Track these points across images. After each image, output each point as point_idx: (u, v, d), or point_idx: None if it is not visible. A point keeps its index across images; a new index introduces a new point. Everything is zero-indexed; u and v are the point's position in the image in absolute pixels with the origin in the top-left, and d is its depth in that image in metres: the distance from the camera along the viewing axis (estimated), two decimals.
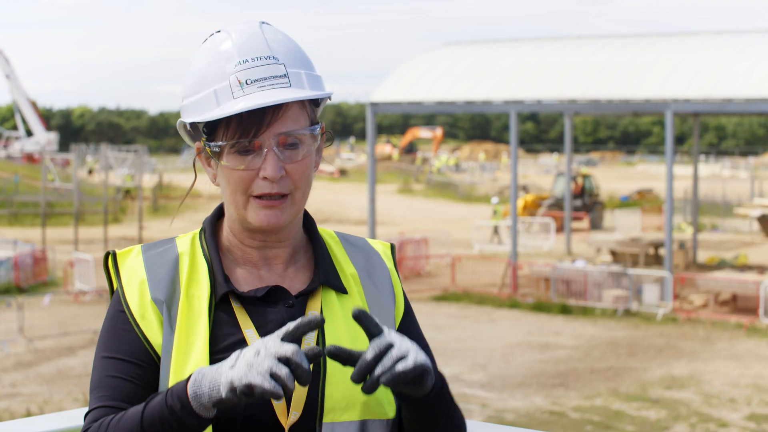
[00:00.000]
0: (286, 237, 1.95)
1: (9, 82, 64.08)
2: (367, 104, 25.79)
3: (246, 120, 1.83)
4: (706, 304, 21.04)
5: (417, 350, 1.74)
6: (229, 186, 1.88)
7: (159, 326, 1.87)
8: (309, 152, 1.89)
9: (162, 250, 1.95)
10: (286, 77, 1.85)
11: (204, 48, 1.91)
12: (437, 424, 1.87)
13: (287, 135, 1.85)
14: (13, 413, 13.42)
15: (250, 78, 1.84)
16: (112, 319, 1.91)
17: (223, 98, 1.84)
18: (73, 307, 21.37)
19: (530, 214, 35.24)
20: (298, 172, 1.88)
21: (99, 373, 1.88)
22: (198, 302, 1.89)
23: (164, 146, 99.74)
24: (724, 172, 66.04)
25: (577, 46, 26.89)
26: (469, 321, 20.14)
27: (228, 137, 1.85)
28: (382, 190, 46.15)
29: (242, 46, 1.87)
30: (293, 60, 1.88)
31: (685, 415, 13.57)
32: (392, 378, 1.71)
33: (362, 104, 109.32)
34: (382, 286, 2.00)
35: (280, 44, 1.89)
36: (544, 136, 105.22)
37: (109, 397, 1.84)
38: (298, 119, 1.87)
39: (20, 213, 40.80)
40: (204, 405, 1.71)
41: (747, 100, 21.99)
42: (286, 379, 1.66)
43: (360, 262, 2.01)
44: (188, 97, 1.90)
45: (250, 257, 1.95)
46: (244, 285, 1.93)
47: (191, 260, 1.93)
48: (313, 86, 1.89)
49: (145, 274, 1.91)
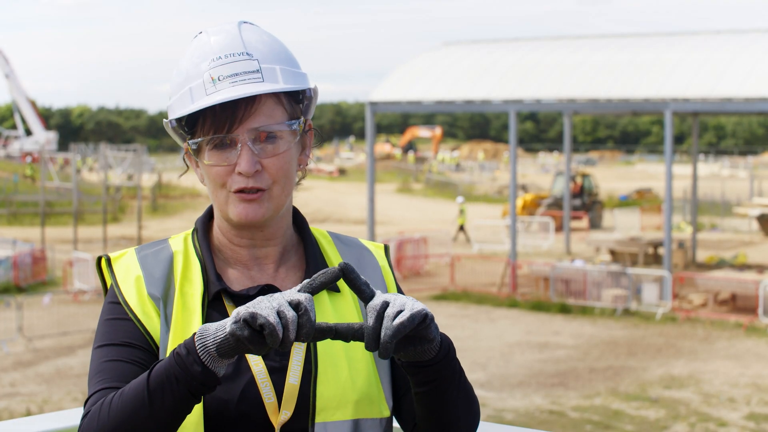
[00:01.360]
0: (273, 235, 1.95)
1: (8, 81, 64.12)
2: (366, 103, 25.80)
3: (219, 115, 1.85)
4: (705, 303, 21.04)
5: (413, 302, 1.70)
6: (210, 182, 1.90)
7: (158, 320, 1.88)
8: (288, 147, 1.89)
9: (156, 249, 1.96)
10: (259, 72, 1.86)
11: (188, 49, 1.94)
12: (452, 393, 1.83)
13: (261, 130, 1.86)
14: (13, 413, 13.42)
15: (222, 74, 1.86)
16: (107, 311, 1.91)
17: (197, 95, 1.86)
18: (72, 306, 21.37)
19: (529, 213, 35.26)
20: (275, 167, 1.88)
21: (96, 361, 1.86)
22: (192, 300, 1.89)
23: (163, 146, 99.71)
24: (724, 172, 66.07)
25: (577, 45, 26.88)
26: (469, 320, 20.14)
27: (204, 133, 1.87)
28: (382, 189, 46.16)
29: (219, 45, 1.89)
30: (269, 56, 1.89)
31: (684, 414, 13.57)
32: (396, 333, 1.66)
33: (361, 103, 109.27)
34: (373, 284, 2.00)
35: (257, 42, 1.90)
36: (544, 135, 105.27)
37: (110, 378, 1.82)
38: (273, 114, 1.87)
39: (19, 212, 40.80)
40: (208, 348, 1.67)
41: (746, 100, 21.98)
42: (290, 320, 1.63)
43: (352, 261, 2.01)
44: (171, 96, 1.93)
45: (240, 257, 1.95)
46: (236, 284, 1.94)
47: (185, 259, 1.94)
48: (289, 81, 1.89)
49: (141, 271, 1.91)
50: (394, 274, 2.07)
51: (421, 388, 1.82)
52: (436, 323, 1.74)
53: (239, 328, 1.64)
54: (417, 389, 1.83)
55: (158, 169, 55.12)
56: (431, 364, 1.78)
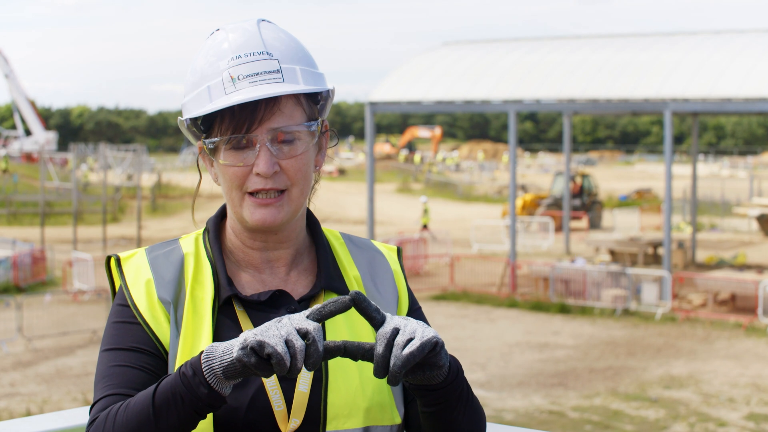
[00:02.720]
0: (287, 238, 1.92)
1: (8, 81, 64.10)
2: (366, 103, 25.79)
3: (239, 115, 1.82)
4: (704, 303, 21.04)
5: (423, 327, 1.68)
6: (225, 183, 1.87)
7: (168, 325, 1.85)
8: (306, 149, 1.87)
9: (167, 251, 1.93)
10: (279, 72, 1.83)
11: (204, 46, 1.91)
12: (459, 412, 1.82)
13: (281, 131, 1.83)
14: (13, 413, 13.42)
15: (242, 73, 1.82)
16: (116, 314, 1.88)
17: (216, 94, 1.83)
18: (72, 306, 21.36)
19: (529, 213, 35.26)
20: (294, 168, 1.85)
21: (103, 365, 1.85)
22: (202, 304, 1.87)
23: (163, 145, 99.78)
24: (723, 172, 66.05)
25: (577, 45, 26.87)
26: (468, 320, 20.14)
27: (222, 133, 1.84)
28: (381, 189, 46.16)
29: (237, 43, 1.86)
30: (289, 56, 1.86)
31: (684, 414, 13.56)
32: (406, 363, 1.65)
33: (361, 104, 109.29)
34: (384, 289, 1.98)
35: (276, 41, 1.87)
36: (543, 135, 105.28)
37: (117, 384, 1.81)
38: (293, 115, 1.85)
39: (19, 212, 40.79)
40: (215, 371, 1.66)
41: (746, 100, 21.98)
42: (298, 349, 1.62)
43: (363, 264, 1.99)
44: (187, 95, 1.90)
45: (252, 259, 1.93)
46: (247, 289, 1.91)
47: (196, 261, 1.91)
48: (309, 82, 1.86)
49: (151, 273, 1.89)
50: (406, 278, 2.05)
51: (428, 409, 1.81)
52: (446, 349, 1.74)
53: (246, 355, 1.63)
54: (424, 409, 1.82)
55: (158, 169, 55.12)
56: (439, 388, 1.77)
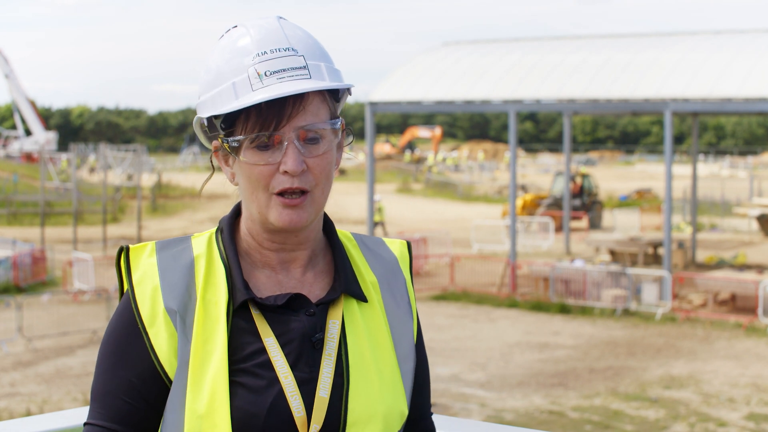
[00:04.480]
0: (305, 239, 1.89)
1: (8, 81, 64.14)
2: (366, 104, 25.78)
3: (266, 112, 1.78)
4: (705, 303, 21.04)
5: None
6: (250, 183, 1.82)
7: (168, 337, 1.81)
8: (330, 147, 1.84)
9: (177, 250, 1.88)
10: (306, 69, 1.80)
11: (221, 44, 1.87)
12: None
13: (308, 129, 1.80)
14: (13, 413, 13.42)
15: (270, 69, 1.79)
16: (120, 314, 1.86)
17: (242, 90, 1.79)
18: (72, 306, 21.36)
19: (529, 213, 35.25)
20: (319, 167, 1.82)
21: (101, 383, 1.84)
22: (215, 308, 1.83)
23: (163, 145, 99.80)
24: (723, 172, 66.06)
25: (576, 45, 26.87)
26: (468, 320, 20.14)
27: (247, 131, 1.79)
28: (382, 189, 46.17)
29: (261, 39, 1.82)
30: (312, 52, 1.84)
31: (684, 414, 13.57)
32: None
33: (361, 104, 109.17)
34: (401, 299, 1.97)
35: (298, 37, 1.85)
36: (543, 135, 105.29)
37: (107, 417, 1.82)
38: (319, 113, 1.82)
39: (19, 212, 40.79)
40: None
41: (746, 100, 21.98)
42: None
43: (379, 269, 1.97)
44: (205, 93, 1.85)
45: (269, 260, 1.89)
46: (263, 290, 1.87)
47: (207, 263, 1.86)
48: (334, 78, 1.84)
49: (159, 278, 1.84)
50: (412, 276, 2.03)
51: None
52: None
53: None
54: None
55: (158, 169, 55.13)
56: None
